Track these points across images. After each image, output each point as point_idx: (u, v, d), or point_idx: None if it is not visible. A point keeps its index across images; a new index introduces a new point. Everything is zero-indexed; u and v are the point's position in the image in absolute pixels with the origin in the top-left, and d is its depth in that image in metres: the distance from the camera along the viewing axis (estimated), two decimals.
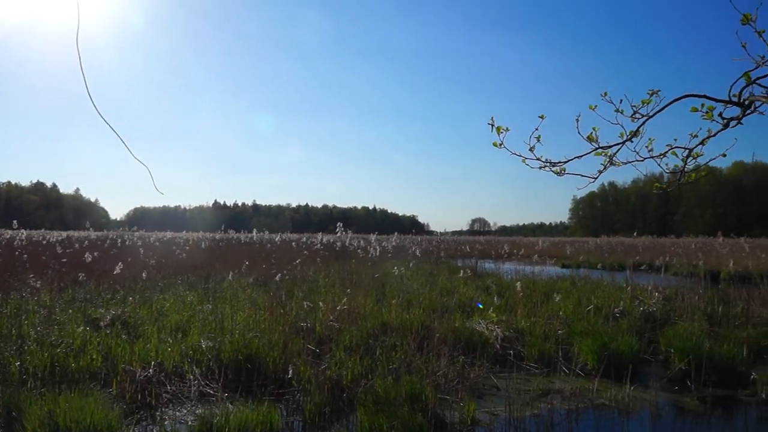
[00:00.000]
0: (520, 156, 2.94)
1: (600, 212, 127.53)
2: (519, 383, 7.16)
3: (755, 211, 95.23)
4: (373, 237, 19.95)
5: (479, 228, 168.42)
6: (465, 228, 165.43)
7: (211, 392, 6.37)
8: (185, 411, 6.02)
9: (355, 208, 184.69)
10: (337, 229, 14.78)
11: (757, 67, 2.42)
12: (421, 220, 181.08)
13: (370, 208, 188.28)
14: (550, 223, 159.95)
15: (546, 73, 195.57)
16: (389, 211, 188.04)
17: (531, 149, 2.92)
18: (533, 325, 9.43)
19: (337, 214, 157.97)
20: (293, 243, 27.50)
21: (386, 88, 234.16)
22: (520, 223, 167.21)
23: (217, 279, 13.92)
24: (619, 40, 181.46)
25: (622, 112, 2.83)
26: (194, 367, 6.84)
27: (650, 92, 2.71)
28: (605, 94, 2.79)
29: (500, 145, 2.89)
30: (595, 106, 2.80)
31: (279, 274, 12.06)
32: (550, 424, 5.99)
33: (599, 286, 14.56)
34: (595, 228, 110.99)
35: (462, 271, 16.25)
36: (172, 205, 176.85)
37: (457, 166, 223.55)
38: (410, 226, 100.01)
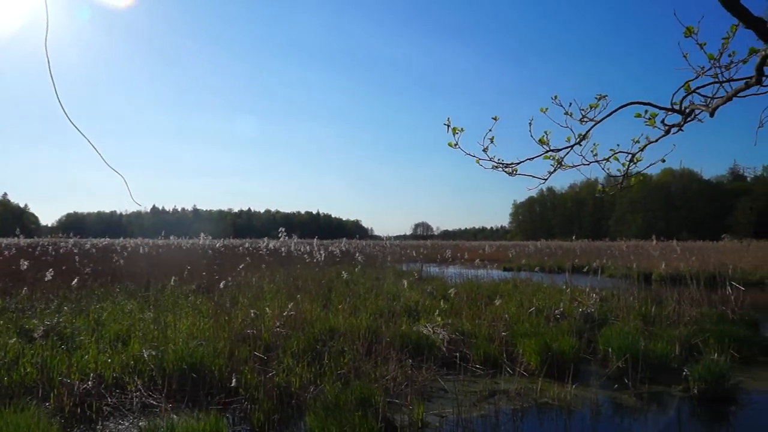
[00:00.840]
0: (474, 156, 3.00)
1: (539, 217, 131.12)
2: (466, 385, 7.27)
3: (683, 216, 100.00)
4: (316, 242, 19.79)
5: (422, 232, 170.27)
6: (408, 232, 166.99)
7: (155, 403, 6.18)
8: (127, 424, 5.82)
9: (298, 213, 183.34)
10: (280, 234, 14.62)
11: (697, 77, 2.56)
12: (364, 224, 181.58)
13: (314, 212, 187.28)
14: (491, 227, 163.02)
15: (497, 80, 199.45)
16: (333, 216, 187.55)
17: (484, 150, 2.98)
18: (478, 327, 9.59)
19: (281, 219, 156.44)
20: (236, 249, 27.01)
21: (332, 93, 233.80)
22: (462, 227, 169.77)
23: (157, 287, 13.52)
24: (571, 49, 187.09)
25: (571, 116, 2.93)
26: (136, 378, 6.63)
27: (598, 97, 2.82)
28: (555, 97, 2.89)
29: (455, 145, 2.94)
30: (546, 108, 2.90)
31: (223, 281, 11.82)
32: (497, 424, 6.10)
33: (540, 288, 14.96)
34: (534, 232, 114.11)
35: (408, 275, 16.38)
36: (107, 211, 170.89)
37: (400, 171, 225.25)
38: (354, 230, 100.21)
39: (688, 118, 2.68)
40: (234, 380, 6.34)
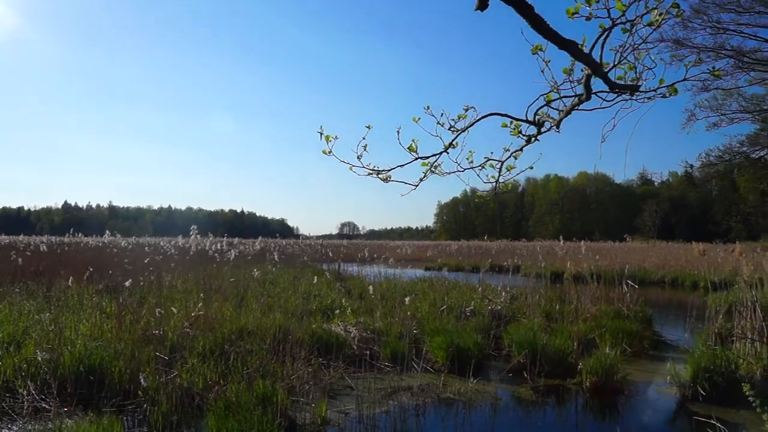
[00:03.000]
0: (348, 164, 3.09)
1: (462, 217, 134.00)
2: (372, 382, 7.39)
3: (596, 217, 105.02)
4: (234, 240, 19.46)
5: (348, 232, 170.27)
6: (334, 232, 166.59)
7: (47, 407, 5.93)
8: (16, 429, 5.57)
9: (222, 210, 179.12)
10: (191, 232, 14.30)
11: (551, 91, 2.75)
12: (290, 223, 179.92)
13: (238, 210, 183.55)
14: (417, 227, 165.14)
15: (418, 81, 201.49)
16: (258, 215, 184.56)
17: (358, 157, 3.08)
18: (390, 325, 9.75)
19: (204, 217, 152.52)
20: (148, 247, 26.08)
21: (259, 89, 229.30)
22: (389, 227, 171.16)
23: (61, 286, 12.89)
24: (472, 56, 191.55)
25: (442, 125, 3.07)
26: (28, 382, 6.33)
27: (465, 108, 2.97)
28: (428, 107, 3.02)
29: (329, 153, 3.01)
30: (419, 118, 3.02)
31: (131, 280, 11.43)
32: (399, 419, 6.24)
33: (455, 286, 15.35)
34: (458, 232, 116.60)
35: (325, 274, 16.40)
36: (13, 207, 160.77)
37: (328, 171, 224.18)
38: (279, 229, 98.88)
39: (543, 129, 2.88)
40: (142, 380, 6.18)
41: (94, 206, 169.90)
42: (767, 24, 17.85)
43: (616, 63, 2.43)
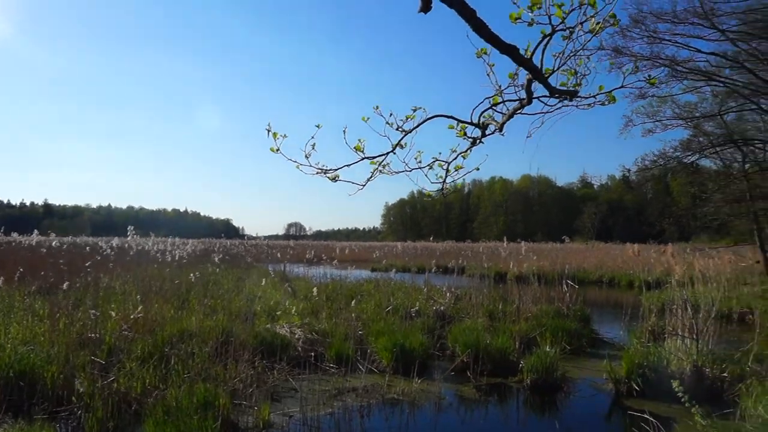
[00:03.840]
0: (296, 162, 3.06)
1: (409, 218, 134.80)
2: (317, 384, 7.34)
3: (539, 219, 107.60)
4: (177, 240, 18.99)
5: (295, 232, 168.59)
6: (281, 232, 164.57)
7: None
8: None
9: (164, 210, 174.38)
10: (128, 233, 13.85)
11: (495, 95, 2.80)
12: (236, 223, 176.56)
13: (182, 210, 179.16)
14: (364, 228, 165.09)
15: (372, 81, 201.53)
16: (202, 214, 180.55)
17: (307, 156, 3.05)
18: (335, 326, 9.71)
19: (144, 216, 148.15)
20: (87, 247, 25.13)
21: (205, 85, 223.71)
22: (336, 228, 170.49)
23: None
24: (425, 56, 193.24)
25: (391, 125, 3.08)
26: None
27: (414, 108, 2.99)
28: (377, 107, 3.02)
29: (277, 150, 2.98)
30: (368, 118, 3.02)
31: (67, 282, 10.98)
32: (344, 420, 6.22)
33: (401, 287, 15.44)
34: (405, 233, 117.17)
35: (271, 275, 16.20)
36: None
37: (275, 170, 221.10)
38: (224, 229, 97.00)
39: (487, 132, 2.93)
40: (78, 385, 5.94)
41: (27, 204, 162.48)
42: (700, 35, 18.72)
43: (556, 68, 2.50)
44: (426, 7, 2.07)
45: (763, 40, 19.45)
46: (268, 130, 2.91)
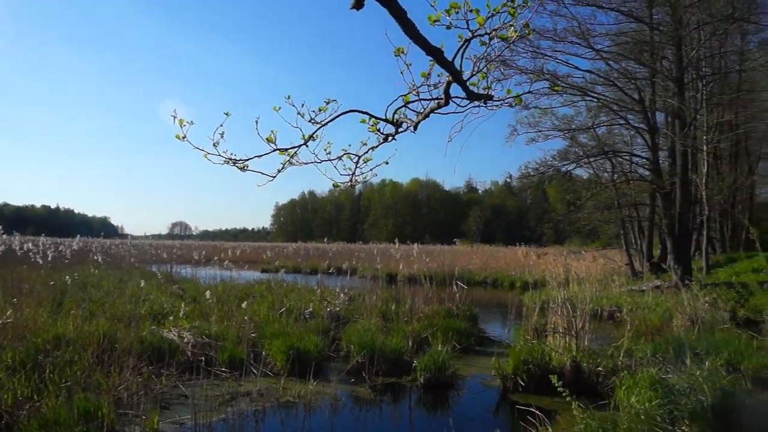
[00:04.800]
0: (203, 151, 2.93)
1: (300, 219, 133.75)
2: (209, 389, 7.04)
3: (427, 221, 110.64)
4: (47, 240, 17.58)
5: (180, 232, 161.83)
6: (165, 232, 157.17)
7: None
8: None
9: (32, 206, 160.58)
10: None
11: (409, 93, 2.83)
12: (115, 222, 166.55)
13: (53, 206, 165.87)
14: (253, 229, 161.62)
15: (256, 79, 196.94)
16: (77, 212, 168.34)
17: (215, 145, 2.93)
18: (227, 329, 9.41)
19: (9, 213, 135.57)
20: None
21: (83, 78, 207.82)
22: (224, 228, 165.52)
23: None
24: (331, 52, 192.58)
25: (303, 117, 3.02)
26: None
27: (327, 101, 2.97)
28: (288, 97, 2.96)
29: (183, 138, 2.84)
30: (279, 107, 2.95)
31: None
32: (238, 426, 6.04)
33: (293, 289, 15.26)
34: (295, 234, 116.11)
35: (156, 276, 15.42)
36: None
37: (158, 167, 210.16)
38: (101, 228, 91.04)
39: (400, 129, 2.97)
40: None
41: None
42: (578, 53, 20.12)
43: (474, 73, 2.57)
44: (359, 4, 2.05)
45: (631, 61, 21.28)
46: (174, 117, 2.76)
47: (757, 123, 28.77)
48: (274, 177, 3.15)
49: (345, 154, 3.23)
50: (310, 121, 3.01)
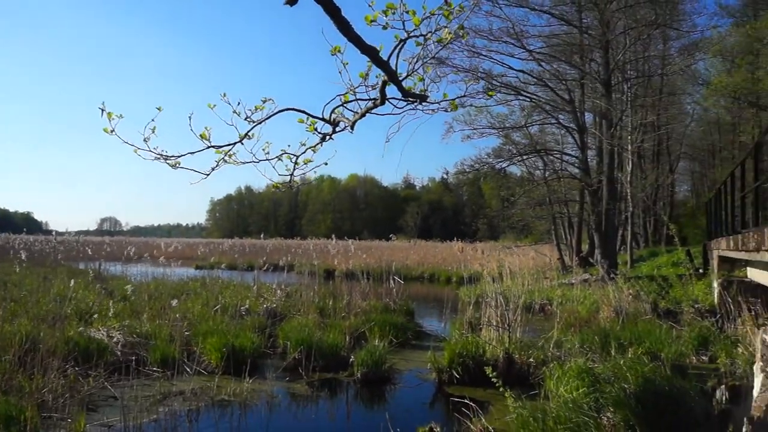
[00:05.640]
0: (133, 146, 2.85)
1: (236, 214, 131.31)
2: (139, 390, 6.86)
3: (365, 217, 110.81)
4: None
5: (110, 228, 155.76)
6: (93, 228, 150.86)
7: None
8: None
9: None
10: None
11: (347, 92, 2.85)
12: (38, 217, 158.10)
13: None
14: (187, 224, 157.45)
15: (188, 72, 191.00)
16: None
17: (145, 140, 2.86)
18: (159, 328, 9.17)
19: None
20: None
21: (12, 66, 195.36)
22: (156, 224, 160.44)
23: None
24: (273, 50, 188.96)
25: (238, 114, 2.99)
26: None
27: (263, 99, 2.94)
28: (224, 95, 2.92)
29: (112, 131, 2.75)
30: (215, 105, 2.90)
31: None
32: (170, 426, 5.91)
33: (229, 286, 14.99)
34: (231, 230, 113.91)
35: (84, 274, 14.82)
36: None
37: (86, 161, 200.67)
38: (23, 224, 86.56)
39: (337, 129, 2.99)
40: None
41: None
42: (512, 53, 20.68)
43: (409, 73, 2.62)
44: (291, 0, 2.04)
45: (562, 62, 22.05)
46: (102, 110, 2.67)
47: (677, 124, 30.44)
48: (208, 175, 3.11)
49: (283, 153, 3.21)
50: (246, 119, 2.98)
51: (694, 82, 28.31)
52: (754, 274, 9.82)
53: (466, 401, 6.08)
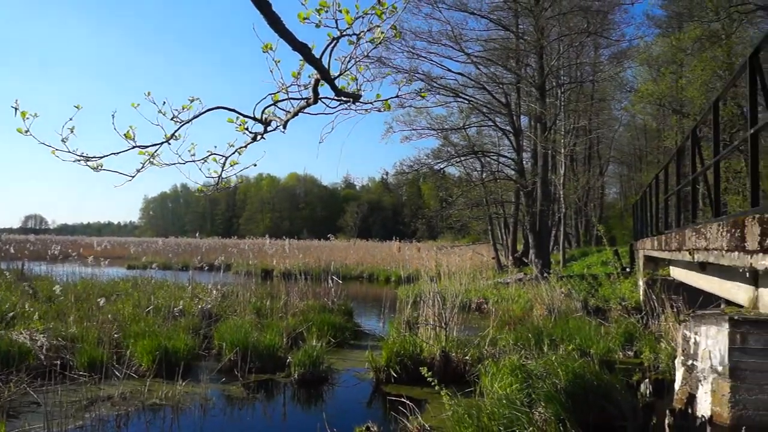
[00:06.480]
0: (50, 147, 2.72)
1: (171, 213, 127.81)
2: (64, 395, 6.56)
3: (305, 216, 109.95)
4: None
5: (34, 226, 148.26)
6: (17, 225, 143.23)
7: None
8: None
9: None
10: None
11: (279, 91, 2.82)
12: None
13: None
14: (119, 223, 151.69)
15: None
16: None
17: (63, 141, 2.73)
18: (86, 330, 8.80)
19: None
20: None
21: None
22: (85, 222, 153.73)
23: None
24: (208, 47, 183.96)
25: (164, 114, 2.90)
26: None
27: (191, 99, 2.86)
28: (149, 94, 2.82)
29: (26, 132, 2.61)
30: (138, 104, 2.81)
31: None
32: None
33: (162, 286, 14.55)
34: (166, 228, 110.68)
35: (5, 274, 14.07)
36: None
37: (6, 156, 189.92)
38: None
39: (269, 128, 2.95)
40: None
41: None
42: (451, 56, 21.04)
43: (342, 72, 2.61)
44: None
45: (499, 66, 22.58)
46: (16, 108, 2.53)
47: (607, 129, 31.73)
48: (133, 177, 3.00)
49: (211, 155, 3.14)
50: (172, 119, 2.89)
51: (622, 89, 29.56)
52: (677, 273, 10.32)
53: (403, 400, 6.13)
